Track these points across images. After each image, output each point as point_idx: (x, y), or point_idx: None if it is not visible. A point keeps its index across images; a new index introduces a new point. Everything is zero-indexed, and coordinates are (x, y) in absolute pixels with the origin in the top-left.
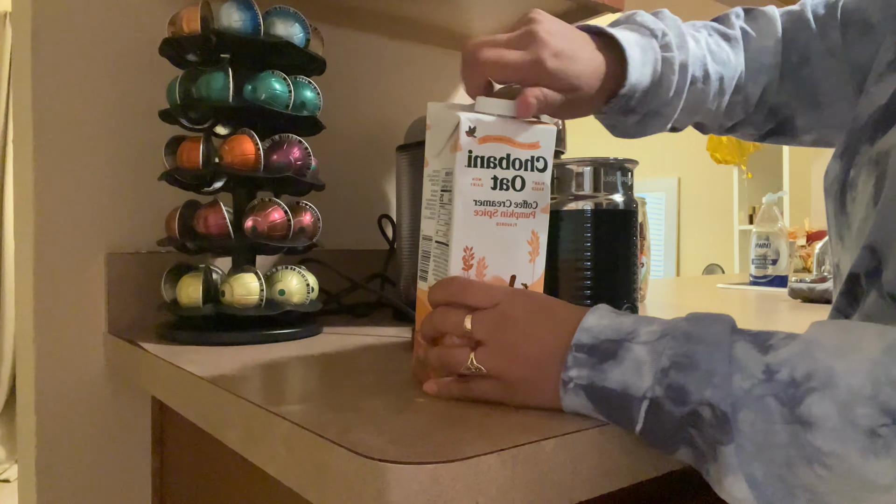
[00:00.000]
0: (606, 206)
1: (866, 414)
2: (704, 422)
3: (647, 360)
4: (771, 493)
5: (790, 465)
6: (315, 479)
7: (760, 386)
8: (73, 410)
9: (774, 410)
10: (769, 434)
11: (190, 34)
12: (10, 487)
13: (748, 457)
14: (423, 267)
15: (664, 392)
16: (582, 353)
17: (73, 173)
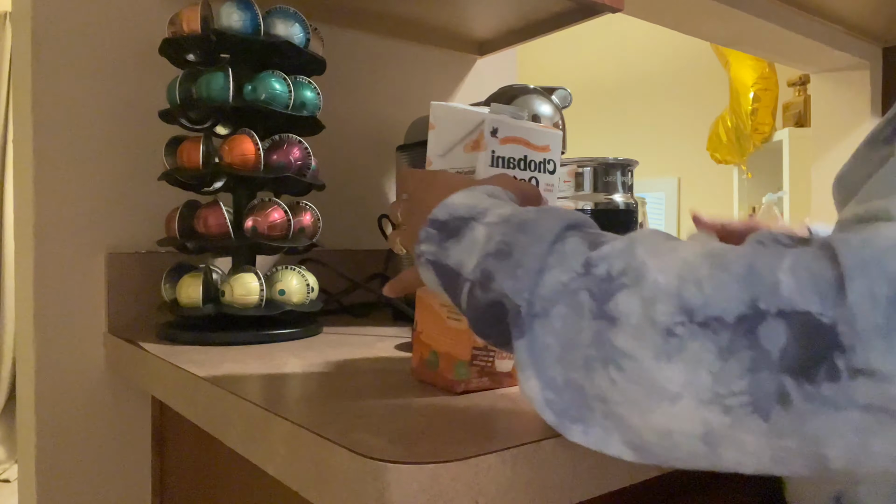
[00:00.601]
0: (606, 206)
1: (665, 311)
2: (507, 314)
3: (480, 242)
4: (567, 399)
5: (588, 367)
6: (315, 479)
7: (577, 280)
8: (73, 410)
9: (585, 305)
10: (577, 331)
11: (190, 34)
12: (10, 487)
13: (552, 358)
14: None
15: (479, 276)
16: (433, 229)
17: (73, 173)
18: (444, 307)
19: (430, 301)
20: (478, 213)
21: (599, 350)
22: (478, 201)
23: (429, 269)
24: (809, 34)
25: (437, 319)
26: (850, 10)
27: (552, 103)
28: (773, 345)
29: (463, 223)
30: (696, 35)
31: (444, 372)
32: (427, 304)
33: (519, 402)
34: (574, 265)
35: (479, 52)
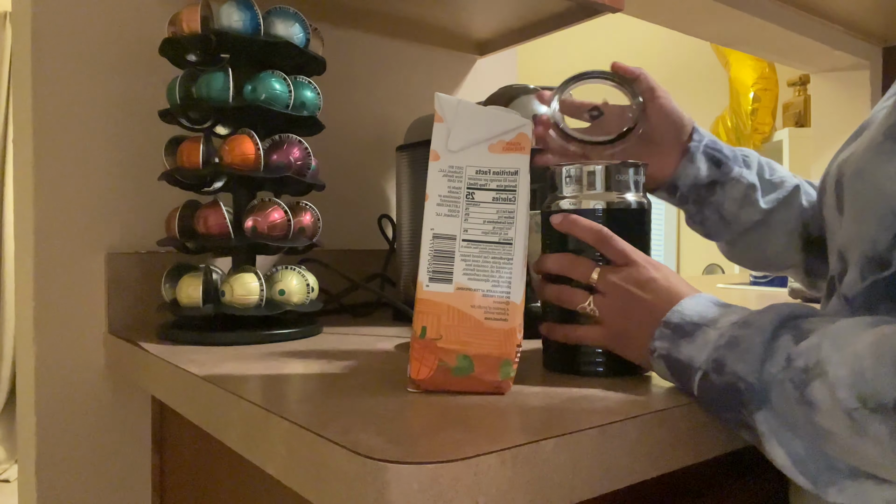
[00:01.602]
0: (619, 206)
1: (845, 397)
2: (743, 395)
3: (712, 341)
4: (814, 467)
5: (815, 440)
6: (315, 479)
7: (782, 372)
8: (73, 410)
9: (790, 393)
10: (792, 414)
11: (190, 34)
12: (10, 487)
13: (786, 432)
14: (443, 268)
15: (712, 365)
16: (668, 330)
17: (73, 173)
18: (478, 308)
19: (457, 304)
20: (709, 320)
21: (813, 429)
22: (706, 310)
23: (660, 362)
24: (809, 34)
25: (466, 322)
26: (850, 10)
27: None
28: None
29: (695, 328)
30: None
31: (485, 375)
32: (448, 307)
33: (519, 402)
34: (780, 359)
35: (479, 52)
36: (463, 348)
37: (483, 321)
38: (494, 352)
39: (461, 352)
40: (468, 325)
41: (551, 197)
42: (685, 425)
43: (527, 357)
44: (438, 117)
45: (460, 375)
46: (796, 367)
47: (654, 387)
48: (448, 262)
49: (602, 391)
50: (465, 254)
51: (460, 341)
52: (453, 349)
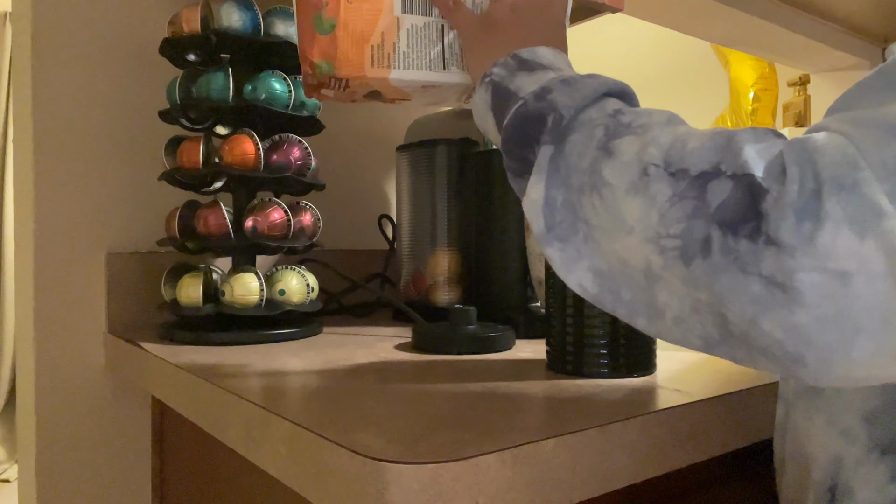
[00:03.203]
0: None
1: (651, 154)
2: (546, 126)
3: (547, 78)
4: (559, 217)
5: (581, 190)
6: (315, 479)
7: (604, 118)
8: (73, 410)
9: (597, 136)
10: (581, 157)
11: (190, 34)
12: (10, 487)
13: (558, 178)
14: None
15: (537, 91)
16: (513, 61)
17: (73, 173)
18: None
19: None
20: (557, 68)
21: (591, 177)
22: (559, 60)
23: (487, 89)
24: (809, 34)
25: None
26: (850, 10)
27: None
28: (715, 198)
29: (540, 67)
30: (696, 35)
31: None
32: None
33: (519, 402)
34: (607, 109)
35: None
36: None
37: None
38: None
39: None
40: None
41: None
42: (685, 425)
43: (528, 357)
44: None
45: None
46: (621, 120)
47: (654, 387)
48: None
49: (602, 391)
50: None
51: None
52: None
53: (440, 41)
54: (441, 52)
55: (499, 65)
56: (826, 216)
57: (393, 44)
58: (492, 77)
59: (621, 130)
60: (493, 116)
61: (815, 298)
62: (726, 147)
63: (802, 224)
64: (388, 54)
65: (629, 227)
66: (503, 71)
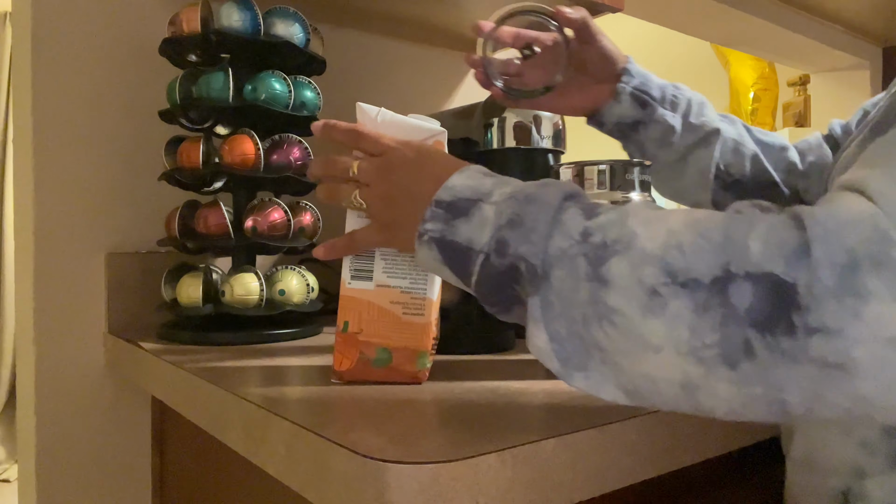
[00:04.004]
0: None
1: (651, 273)
2: (522, 276)
3: (490, 219)
4: (570, 350)
5: (586, 322)
6: (315, 479)
7: (576, 246)
8: (73, 410)
9: (581, 268)
10: (574, 291)
11: (190, 34)
12: (10, 487)
13: (554, 313)
14: (364, 267)
15: (494, 246)
16: (440, 209)
17: (73, 173)
18: (397, 304)
19: (377, 300)
20: (482, 194)
21: (594, 308)
22: (478, 183)
23: (431, 246)
24: (809, 34)
25: (385, 317)
26: (850, 10)
27: None
28: (741, 302)
29: (470, 204)
30: (696, 35)
31: (403, 366)
32: (368, 304)
33: (519, 402)
34: (573, 233)
35: None
36: (382, 341)
37: (401, 316)
38: (412, 344)
39: (381, 344)
40: (387, 320)
41: None
42: (685, 425)
43: (528, 357)
44: (360, 125)
45: (380, 367)
46: (593, 242)
47: None
48: (369, 262)
49: None
50: (384, 253)
51: (380, 335)
52: (373, 342)
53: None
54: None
55: (428, 219)
56: (869, 293)
57: None
58: (429, 234)
59: (602, 254)
60: (451, 271)
61: (874, 369)
62: (726, 245)
63: (844, 303)
64: None
65: (656, 347)
66: (438, 224)
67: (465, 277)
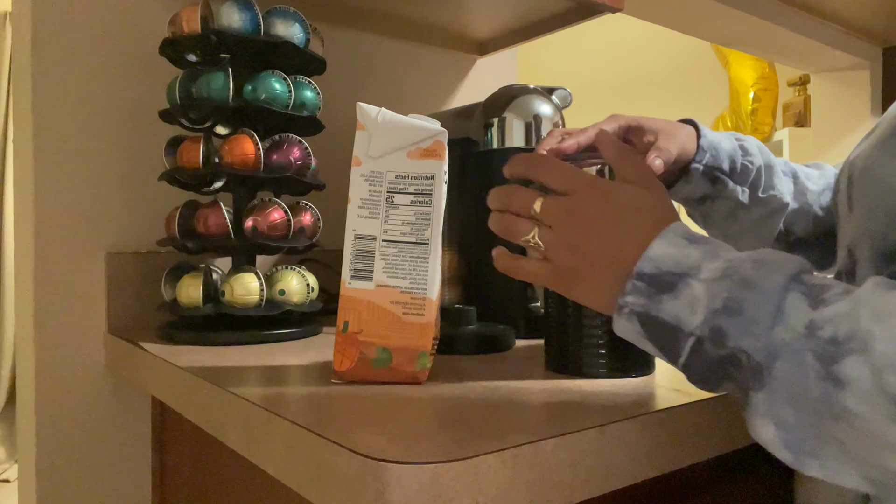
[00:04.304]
0: None
1: (892, 383)
2: (742, 367)
3: (702, 299)
4: (800, 437)
5: (819, 416)
6: (315, 479)
7: (800, 340)
8: (73, 410)
9: (810, 366)
10: (803, 388)
11: (190, 34)
12: (10, 487)
13: (780, 402)
14: (363, 266)
15: (709, 332)
16: (642, 283)
17: (73, 173)
18: (397, 304)
19: (377, 300)
20: (689, 267)
21: (829, 407)
22: (683, 253)
23: (632, 319)
24: (809, 34)
25: (385, 317)
26: (850, 10)
27: (552, 103)
28: None
29: (676, 279)
30: (696, 35)
31: (403, 366)
32: (368, 303)
33: (519, 402)
34: (797, 326)
35: (479, 52)
36: (382, 341)
37: (401, 316)
38: (412, 344)
39: (381, 344)
40: (387, 320)
41: None
42: (685, 425)
43: (528, 357)
44: (360, 125)
45: (380, 367)
46: (821, 336)
47: (654, 387)
48: (369, 261)
49: (602, 391)
50: (384, 253)
51: (380, 335)
52: (373, 342)
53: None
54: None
55: (629, 292)
56: None
57: None
58: (630, 307)
59: (833, 352)
60: (656, 347)
61: None
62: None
63: None
64: None
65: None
66: (640, 298)
67: (671, 356)
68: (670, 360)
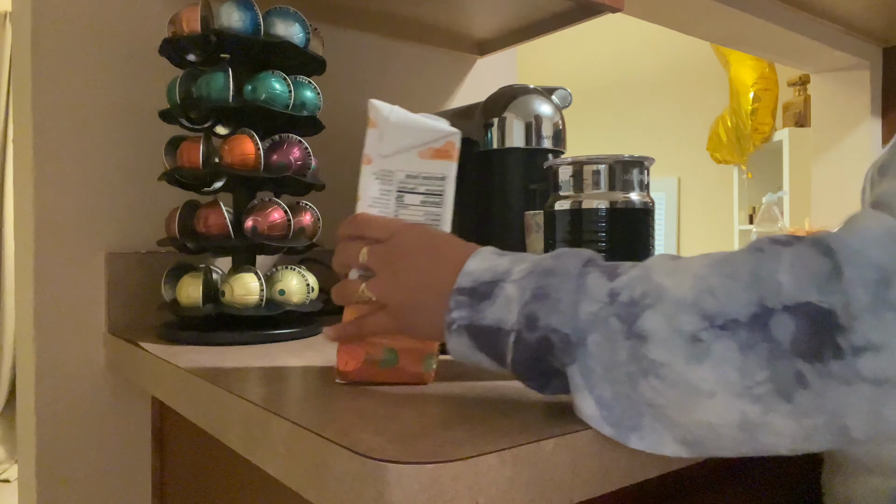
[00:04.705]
0: (624, 205)
1: (688, 321)
2: (555, 347)
3: (515, 297)
4: (620, 412)
5: (632, 381)
6: (315, 479)
7: (605, 308)
8: (73, 410)
9: (616, 329)
10: (613, 352)
11: (190, 34)
12: (10, 487)
13: (597, 378)
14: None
15: (524, 321)
16: (463, 297)
17: (73, 173)
18: None
19: None
20: (501, 273)
21: (637, 364)
22: (494, 264)
23: (461, 334)
24: (809, 34)
25: None
26: (850, 10)
27: (552, 103)
28: (783, 336)
29: (491, 286)
30: (696, 35)
31: (409, 367)
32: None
33: (519, 402)
34: (599, 296)
35: (479, 52)
36: (389, 342)
37: None
38: (418, 345)
39: (387, 345)
40: None
41: (553, 196)
42: None
43: None
44: (372, 122)
45: (386, 367)
46: (621, 301)
47: None
48: None
49: None
50: None
51: (387, 336)
52: (380, 342)
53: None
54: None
55: (454, 308)
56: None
57: None
58: (457, 322)
59: (634, 311)
60: (486, 355)
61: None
62: (756, 282)
63: (884, 318)
64: None
65: (709, 392)
66: (463, 311)
67: (500, 359)
68: (501, 364)
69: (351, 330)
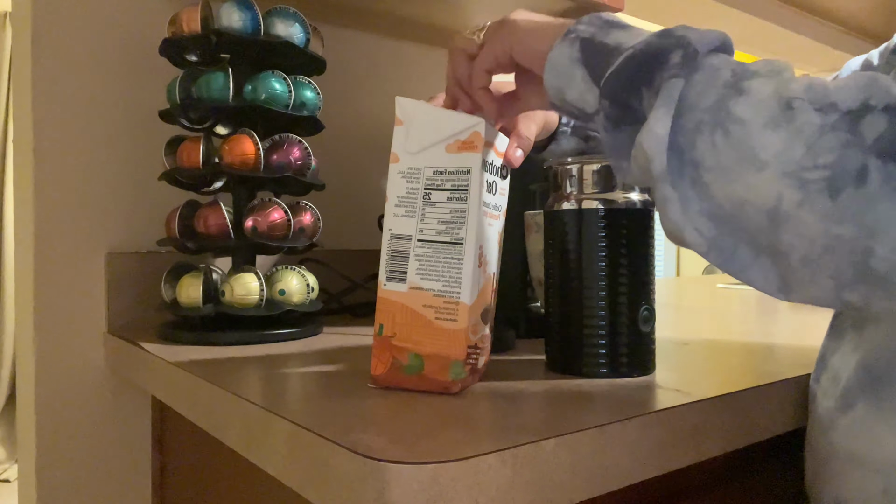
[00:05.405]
0: (624, 205)
1: (796, 89)
2: (670, 56)
3: (648, 35)
4: (668, 157)
5: (697, 131)
6: (315, 479)
7: (727, 62)
8: (73, 410)
9: (723, 78)
10: (702, 95)
11: (190, 34)
12: (10, 487)
13: (674, 113)
14: (398, 267)
15: (645, 43)
16: (598, 19)
17: (73, 173)
18: (429, 308)
19: (409, 303)
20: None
21: (714, 115)
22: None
23: (574, 44)
24: (809, 34)
25: (418, 321)
26: (850, 10)
27: None
28: (871, 131)
29: (631, 27)
30: None
31: (435, 374)
32: (402, 306)
33: (519, 402)
34: (725, 58)
35: None
36: (415, 347)
37: (433, 321)
38: (444, 352)
39: (413, 350)
40: (420, 325)
41: (554, 196)
42: (685, 425)
43: (528, 357)
44: (398, 121)
45: (412, 374)
46: (746, 68)
47: (654, 387)
48: (403, 262)
49: (602, 391)
50: (418, 253)
51: (412, 340)
52: (406, 347)
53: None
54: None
55: (583, 22)
56: None
57: None
58: (578, 33)
59: (750, 74)
60: (585, 69)
61: None
62: (872, 84)
63: None
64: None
65: (762, 163)
66: (591, 28)
67: (597, 75)
68: (595, 82)
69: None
